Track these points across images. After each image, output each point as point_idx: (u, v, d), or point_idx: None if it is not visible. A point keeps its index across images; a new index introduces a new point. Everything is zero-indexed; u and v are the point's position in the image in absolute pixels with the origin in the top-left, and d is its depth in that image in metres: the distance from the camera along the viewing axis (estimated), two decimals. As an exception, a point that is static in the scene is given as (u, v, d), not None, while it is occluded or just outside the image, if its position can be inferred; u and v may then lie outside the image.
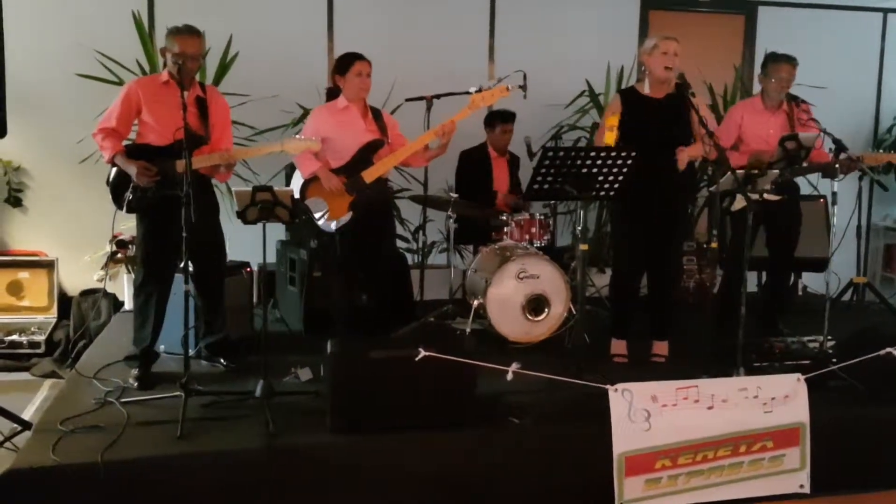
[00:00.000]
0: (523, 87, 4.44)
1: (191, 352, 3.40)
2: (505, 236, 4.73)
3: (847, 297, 5.77)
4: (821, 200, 5.42)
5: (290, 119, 5.45)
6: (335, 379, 3.08)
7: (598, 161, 3.55)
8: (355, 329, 4.10)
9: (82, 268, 5.38)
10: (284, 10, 5.74)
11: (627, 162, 3.56)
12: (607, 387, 3.03)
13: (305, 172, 4.02)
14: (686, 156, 3.80)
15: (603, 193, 3.72)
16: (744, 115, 4.25)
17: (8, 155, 5.39)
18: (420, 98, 4.50)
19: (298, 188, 4.05)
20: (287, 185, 4.83)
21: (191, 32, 3.60)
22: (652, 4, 6.34)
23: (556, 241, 5.06)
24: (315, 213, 4.02)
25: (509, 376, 2.99)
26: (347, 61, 4.01)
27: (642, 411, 3.03)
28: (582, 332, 3.80)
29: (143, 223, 3.74)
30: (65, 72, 5.20)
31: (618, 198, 3.78)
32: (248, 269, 4.44)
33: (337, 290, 4.16)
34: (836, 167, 3.97)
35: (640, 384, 3.06)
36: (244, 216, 3.30)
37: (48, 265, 5.45)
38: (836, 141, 3.96)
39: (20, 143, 5.31)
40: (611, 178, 3.63)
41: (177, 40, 3.57)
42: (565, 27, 6.15)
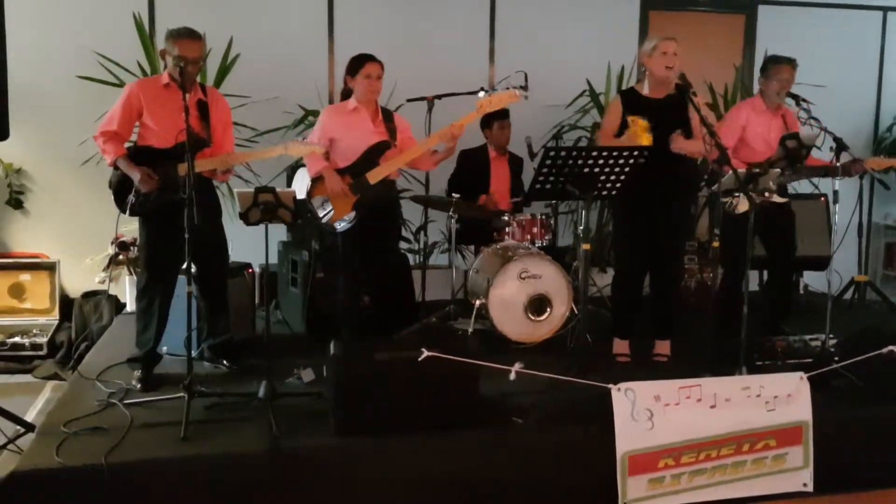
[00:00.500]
0: (525, 88, 4.44)
1: (193, 353, 3.40)
2: (506, 236, 4.74)
3: (849, 295, 5.78)
4: (822, 199, 5.43)
5: (292, 120, 5.45)
6: (338, 380, 3.08)
7: (601, 161, 3.55)
8: (358, 330, 4.11)
9: (84, 270, 5.39)
10: (285, 11, 5.74)
11: (629, 162, 3.57)
12: (610, 386, 3.03)
13: (312, 171, 4.04)
14: (681, 144, 3.78)
15: (605, 193, 3.73)
16: (749, 117, 4.24)
17: (9, 157, 5.40)
18: (421, 99, 4.51)
19: (304, 187, 4.06)
20: (288, 186, 4.85)
21: (191, 36, 3.58)
22: (652, 4, 6.35)
23: (557, 241, 5.06)
24: (320, 213, 4.03)
25: (512, 376, 3.00)
26: (358, 63, 3.99)
27: (645, 411, 3.03)
28: (584, 332, 3.80)
29: (146, 226, 3.73)
30: (66, 74, 5.20)
31: (619, 198, 3.78)
32: (249, 270, 4.44)
33: (340, 291, 4.17)
34: (838, 166, 3.97)
35: (642, 383, 3.06)
36: (246, 217, 3.30)
37: (50, 267, 5.45)
38: (836, 139, 3.95)
39: (21, 146, 5.31)
40: (612, 177, 3.63)
41: (176, 44, 3.55)
42: (565, 27, 6.15)
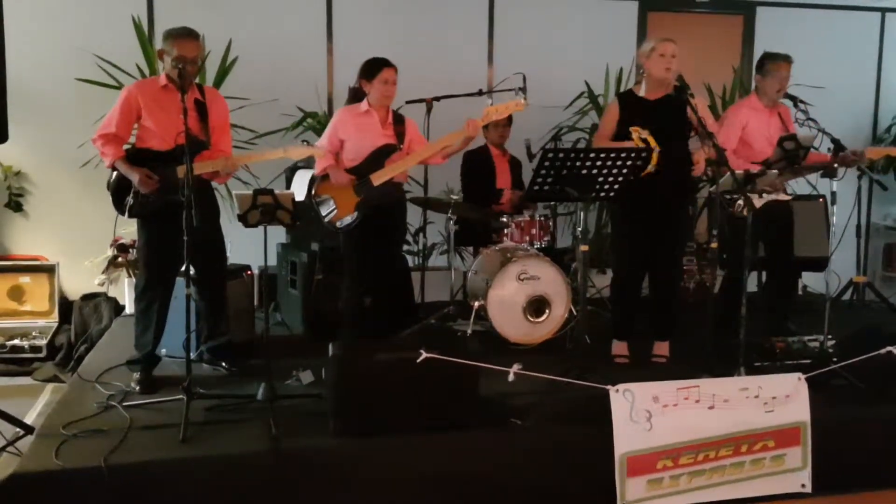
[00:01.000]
0: (523, 90, 4.46)
1: (192, 355, 3.40)
2: (505, 238, 4.74)
3: (847, 296, 5.78)
4: (820, 200, 5.43)
5: (291, 122, 5.45)
6: (338, 382, 3.08)
7: (598, 162, 3.56)
8: (357, 331, 4.11)
9: (83, 272, 5.38)
10: (283, 13, 5.75)
11: (627, 163, 3.57)
12: (609, 387, 3.04)
13: (318, 168, 4.08)
14: (703, 161, 3.83)
15: (603, 195, 3.73)
16: (749, 116, 4.24)
17: (8, 160, 5.40)
18: (420, 100, 4.51)
19: (304, 189, 4.08)
20: (288, 188, 4.85)
21: (189, 35, 3.58)
22: (650, 6, 6.35)
23: (556, 243, 5.07)
24: (322, 211, 4.05)
25: (511, 377, 3.00)
26: (375, 67, 4.02)
27: (644, 411, 3.03)
28: (583, 334, 3.81)
29: (145, 228, 3.74)
30: (65, 76, 5.21)
31: (618, 199, 3.79)
32: (248, 272, 4.44)
33: (343, 292, 4.18)
34: (836, 166, 3.97)
35: (641, 384, 3.06)
36: (245, 219, 3.31)
37: (49, 270, 5.45)
38: (834, 140, 3.96)
39: (21, 148, 5.32)
40: (611, 179, 3.64)
41: (175, 44, 3.55)
42: (564, 29, 6.16)
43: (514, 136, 5.22)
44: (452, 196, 4.64)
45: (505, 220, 4.78)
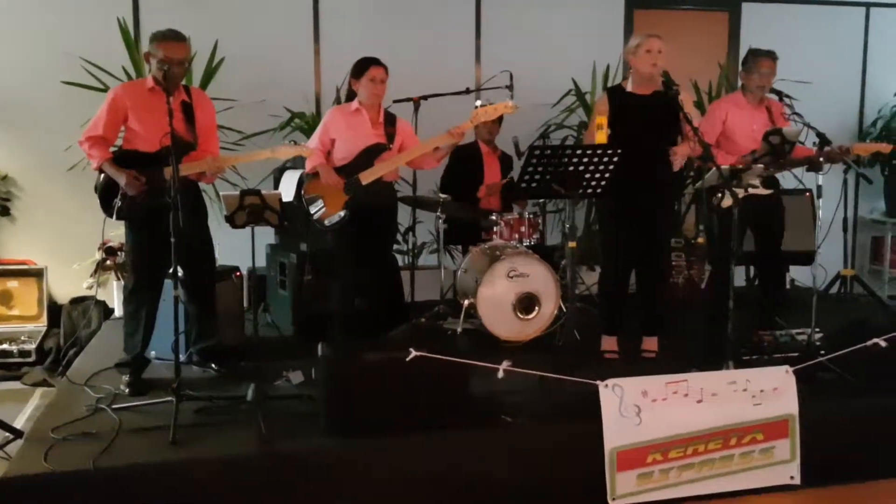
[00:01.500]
0: (510, 88, 4.47)
1: (182, 357, 3.39)
2: (495, 236, 4.75)
3: (835, 289, 5.82)
4: (806, 194, 5.46)
5: (278, 123, 5.45)
6: (328, 382, 3.08)
7: (585, 159, 3.57)
8: (347, 332, 4.11)
9: (71, 276, 5.36)
10: (270, 14, 5.73)
11: (613, 159, 3.58)
12: (598, 383, 3.05)
13: (308, 166, 4.09)
14: (681, 156, 3.85)
15: (590, 191, 3.74)
16: (728, 111, 4.27)
17: (-5, 164, 5.39)
18: (407, 100, 4.51)
19: (292, 189, 4.08)
20: (275, 188, 4.85)
21: (175, 37, 3.58)
22: (637, 3, 6.37)
23: (545, 240, 5.08)
24: (311, 209, 4.05)
25: (500, 374, 3.00)
26: (363, 66, 4.05)
27: (633, 406, 3.05)
28: (572, 330, 3.82)
29: (133, 230, 3.73)
30: (51, 80, 5.18)
31: (605, 195, 3.80)
32: (237, 273, 4.43)
33: (334, 292, 4.17)
34: (821, 160, 4.00)
35: (630, 379, 3.08)
36: (233, 220, 3.31)
37: (37, 274, 5.43)
38: (819, 135, 3.98)
39: (7, 152, 5.30)
40: (597, 175, 3.65)
41: (161, 46, 3.55)
42: (551, 27, 6.16)
43: (503, 133, 5.23)
44: (441, 195, 4.65)
45: (494, 218, 4.79)
